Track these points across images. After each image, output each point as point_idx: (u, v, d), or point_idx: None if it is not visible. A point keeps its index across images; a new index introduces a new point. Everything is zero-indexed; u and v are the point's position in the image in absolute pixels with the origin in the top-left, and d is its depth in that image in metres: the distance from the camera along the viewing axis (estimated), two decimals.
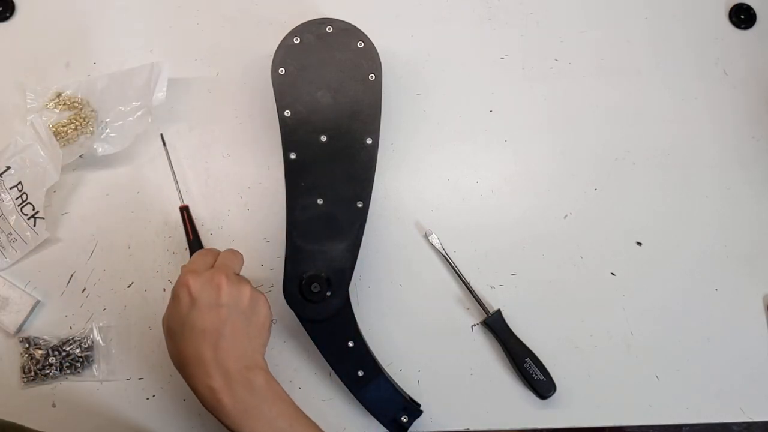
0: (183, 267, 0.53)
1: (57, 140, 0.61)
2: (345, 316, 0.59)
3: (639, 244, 0.67)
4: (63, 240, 0.63)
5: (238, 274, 0.55)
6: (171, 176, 0.64)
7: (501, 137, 0.68)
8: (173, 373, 0.61)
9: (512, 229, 0.66)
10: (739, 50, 0.73)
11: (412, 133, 0.68)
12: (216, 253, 0.55)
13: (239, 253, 0.56)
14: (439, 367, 0.63)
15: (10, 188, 0.61)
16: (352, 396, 0.60)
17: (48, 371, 0.59)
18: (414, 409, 0.60)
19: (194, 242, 0.62)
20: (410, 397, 0.61)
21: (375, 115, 0.59)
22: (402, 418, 0.59)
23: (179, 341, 0.50)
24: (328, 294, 0.57)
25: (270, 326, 0.54)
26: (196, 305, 0.49)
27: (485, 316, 0.63)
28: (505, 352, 0.63)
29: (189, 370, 0.50)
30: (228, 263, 0.54)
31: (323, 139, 0.59)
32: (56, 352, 0.60)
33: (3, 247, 0.61)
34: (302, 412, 0.52)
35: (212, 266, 0.53)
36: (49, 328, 0.61)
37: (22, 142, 0.61)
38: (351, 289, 0.59)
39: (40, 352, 0.59)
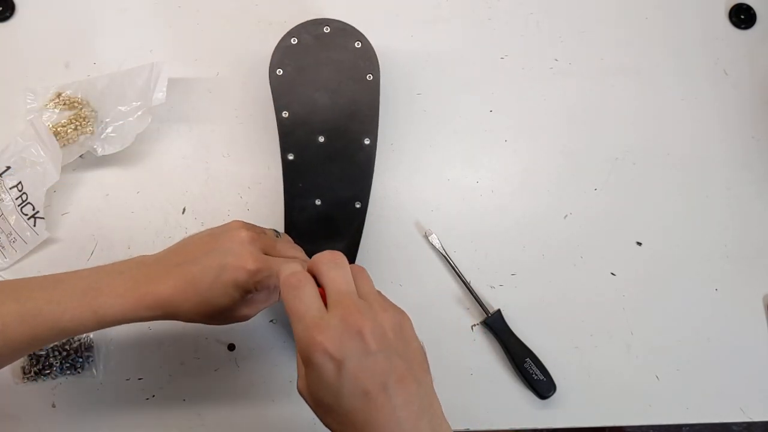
0: (297, 319, 0.40)
1: (57, 140, 0.62)
2: None
3: (639, 244, 0.67)
4: (63, 240, 0.63)
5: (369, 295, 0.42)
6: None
7: (501, 137, 0.68)
8: (173, 373, 0.61)
9: (512, 229, 0.66)
10: (739, 50, 0.72)
11: (412, 133, 0.68)
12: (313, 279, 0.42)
13: (339, 256, 0.43)
14: (439, 367, 0.63)
15: (10, 188, 0.61)
16: None
17: (48, 371, 0.59)
18: None
19: None
20: None
21: (373, 115, 0.59)
22: None
23: (341, 414, 0.39)
24: None
25: (424, 352, 0.42)
26: (344, 368, 0.38)
27: (485, 316, 0.63)
28: (505, 352, 0.63)
29: None
30: (345, 285, 0.41)
31: (321, 139, 0.59)
32: (56, 352, 0.59)
33: (3, 247, 0.62)
34: None
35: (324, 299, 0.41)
36: None
37: (22, 142, 0.61)
38: None
39: (40, 352, 0.59)
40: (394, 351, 0.39)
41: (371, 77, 0.59)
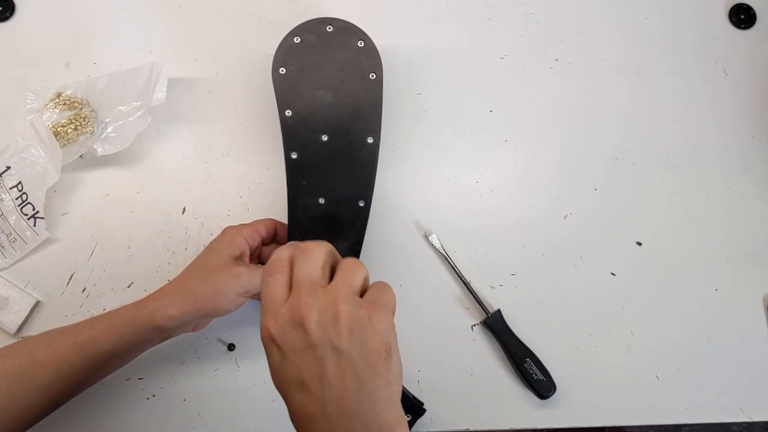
0: (262, 306, 0.40)
1: (57, 140, 0.61)
2: None
3: (639, 244, 0.67)
4: (63, 240, 0.63)
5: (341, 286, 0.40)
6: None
7: (501, 137, 0.68)
8: (173, 373, 0.61)
9: (512, 229, 0.66)
10: (739, 50, 0.73)
11: (412, 133, 0.68)
12: (289, 264, 0.41)
13: (326, 246, 0.42)
14: (439, 367, 0.63)
15: (10, 188, 0.61)
16: None
17: None
18: (418, 408, 0.60)
19: None
20: (414, 396, 0.61)
21: (376, 114, 0.59)
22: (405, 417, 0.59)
23: (287, 400, 0.40)
24: None
25: (392, 352, 0.40)
26: (285, 355, 0.39)
27: (485, 316, 0.63)
28: (505, 352, 0.63)
29: None
30: (306, 275, 0.40)
31: (324, 138, 0.59)
32: None
33: (3, 247, 0.61)
34: None
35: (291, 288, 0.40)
36: (49, 328, 0.61)
37: (22, 142, 0.61)
38: None
39: None
40: (341, 346, 0.38)
41: (374, 76, 0.59)
